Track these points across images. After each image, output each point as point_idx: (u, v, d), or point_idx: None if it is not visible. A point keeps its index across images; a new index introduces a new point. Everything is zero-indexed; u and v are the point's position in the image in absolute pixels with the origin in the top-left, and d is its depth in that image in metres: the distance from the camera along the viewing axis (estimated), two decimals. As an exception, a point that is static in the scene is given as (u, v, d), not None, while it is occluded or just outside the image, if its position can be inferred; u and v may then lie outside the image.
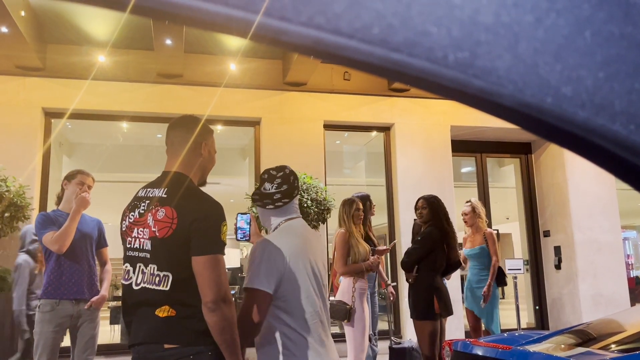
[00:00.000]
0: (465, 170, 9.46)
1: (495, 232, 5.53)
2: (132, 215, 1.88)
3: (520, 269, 6.07)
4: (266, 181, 2.08)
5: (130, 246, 1.85)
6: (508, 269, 5.87)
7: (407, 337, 6.35)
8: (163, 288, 1.73)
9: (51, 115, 6.61)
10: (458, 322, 6.67)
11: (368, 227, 4.93)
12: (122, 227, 1.92)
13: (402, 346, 4.73)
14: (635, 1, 0.35)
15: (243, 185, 8.43)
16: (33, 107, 6.41)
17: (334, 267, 4.22)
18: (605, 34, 0.35)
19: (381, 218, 7.70)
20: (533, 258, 8.31)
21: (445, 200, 4.55)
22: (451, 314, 4.25)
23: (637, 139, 0.35)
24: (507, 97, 0.35)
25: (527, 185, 8.51)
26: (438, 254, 4.19)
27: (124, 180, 9.18)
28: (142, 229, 1.81)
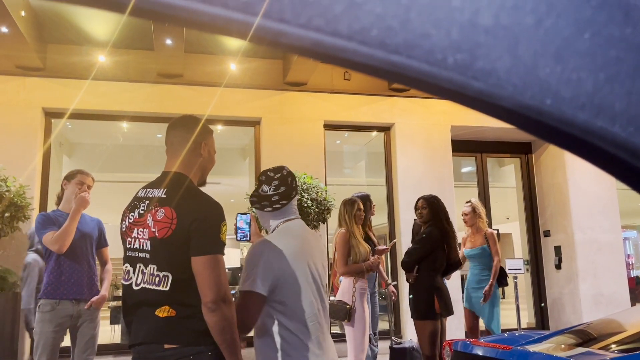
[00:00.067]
0: (465, 170, 9.46)
1: (495, 232, 5.53)
2: (132, 215, 1.88)
3: (520, 269, 6.07)
4: (264, 183, 2.05)
5: (130, 246, 1.86)
6: (508, 269, 5.87)
7: (408, 337, 6.35)
8: (163, 288, 1.73)
9: (51, 115, 6.61)
10: (458, 322, 6.66)
11: (368, 227, 4.93)
12: (122, 228, 1.92)
13: (403, 346, 4.73)
14: (635, 3, 0.35)
15: (243, 185, 8.43)
16: (33, 107, 6.41)
17: (334, 267, 4.22)
18: (605, 36, 0.34)
19: (381, 218, 7.70)
20: (533, 258, 8.30)
21: (445, 200, 4.55)
22: (452, 314, 4.25)
23: (637, 141, 0.35)
24: (507, 99, 0.35)
25: (528, 185, 8.50)
26: (438, 254, 4.20)
27: (124, 180, 9.18)
28: (142, 229, 1.81)
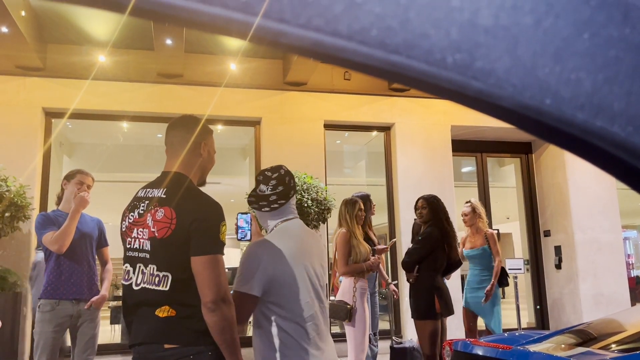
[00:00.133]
0: (465, 170, 9.46)
1: (495, 232, 5.52)
2: (132, 215, 1.88)
3: (520, 269, 6.07)
4: (261, 183, 2.04)
5: (130, 246, 1.86)
6: (508, 269, 5.87)
7: (408, 337, 6.35)
8: (163, 288, 1.73)
9: (51, 115, 6.61)
10: (458, 322, 6.66)
11: (368, 227, 4.93)
12: (122, 228, 1.93)
13: (403, 346, 4.73)
14: (634, 3, 0.35)
15: (243, 185, 8.43)
16: (33, 107, 6.41)
17: (335, 267, 4.22)
18: (604, 36, 0.35)
19: (381, 218, 7.70)
20: (533, 258, 8.30)
21: (445, 200, 4.54)
22: (452, 314, 4.26)
23: (636, 141, 0.35)
24: (506, 99, 0.35)
25: (528, 185, 8.50)
26: (438, 254, 4.20)
27: (124, 180, 9.17)
28: (142, 230, 1.81)
